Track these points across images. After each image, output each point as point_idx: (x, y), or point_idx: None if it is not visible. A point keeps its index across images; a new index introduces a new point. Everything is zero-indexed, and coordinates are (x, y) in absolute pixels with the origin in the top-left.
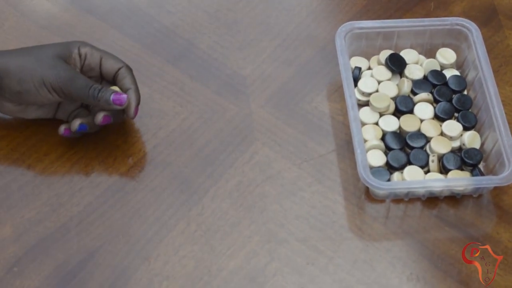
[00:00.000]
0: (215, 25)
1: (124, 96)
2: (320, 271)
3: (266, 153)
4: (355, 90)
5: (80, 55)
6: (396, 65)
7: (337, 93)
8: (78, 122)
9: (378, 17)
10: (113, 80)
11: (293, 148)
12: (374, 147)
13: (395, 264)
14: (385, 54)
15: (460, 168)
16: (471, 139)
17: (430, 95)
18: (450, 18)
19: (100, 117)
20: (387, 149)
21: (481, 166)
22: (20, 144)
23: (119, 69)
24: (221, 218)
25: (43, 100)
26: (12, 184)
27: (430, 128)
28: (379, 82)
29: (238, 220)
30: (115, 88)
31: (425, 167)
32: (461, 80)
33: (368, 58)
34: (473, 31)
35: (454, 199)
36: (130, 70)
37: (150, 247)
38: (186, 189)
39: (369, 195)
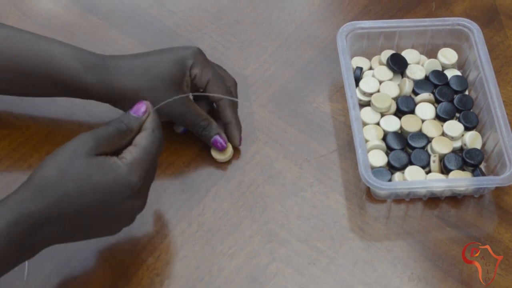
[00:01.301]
0: (216, 25)
1: (224, 142)
2: (322, 271)
3: (267, 153)
4: (357, 90)
5: (190, 76)
6: (398, 65)
7: (338, 93)
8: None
9: (380, 17)
10: (214, 105)
11: (294, 148)
12: (375, 147)
13: (396, 264)
14: (386, 54)
15: (461, 168)
16: (472, 139)
17: (432, 95)
18: (452, 18)
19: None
20: (388, 149)
21: (482, 166)
22: (22, 144)
23: (219, 99)
24: (222, 218)
25: None
26: (14, 184)
27: (431, 128)
28: (380, 82)
29: (239, 220)
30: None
31: (426, 167)
32: (462, 80)
33: (370, 58)
34: (475, 31)
35: (455, 199)
36: (231, 102)
37: (151, 247)
38: (187, 189)
39: (370, 195)
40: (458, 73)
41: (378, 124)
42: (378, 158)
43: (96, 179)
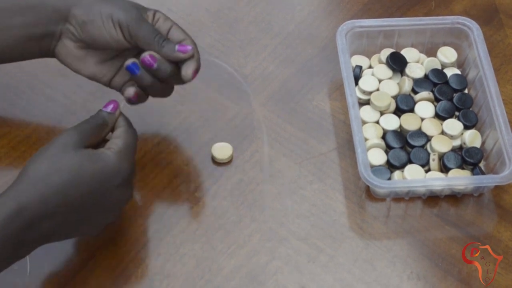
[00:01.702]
0: (216, 23)
1: (189, 46)
2: (321, 270)
3: (266, 152)
4: (356, 88)
5: (154, 17)
6: (397, 63)
7: (338, 91)
8: (132, 60)
9: (379, 16)
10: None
11: (293, 147)
12: (374, 146)
13: (395, 263)
14: (386, 52)
15: (460, 167)
16: (471, 138)
17: (431, 93)
18: (451, 17)
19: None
20: (388, 148)
21: (481, 165)
22: (21, 142)
23: (183, 40)
24: (222, 216)
25: (106, 37)
26: None
27: (430, 127)
28: (380, 81)
29: (238, 219)
30: None
31: (425, 166)
32: (462, 79)
33: (369, 57)
34: (474, 30)
35: (454, 198)
36: (195, 43)
37: (151, 246)
38: (187, 188)
39: (369, 193)
40: (458, 71)
41: (377, 122)
42: (378, 157)
43: (89, 168)
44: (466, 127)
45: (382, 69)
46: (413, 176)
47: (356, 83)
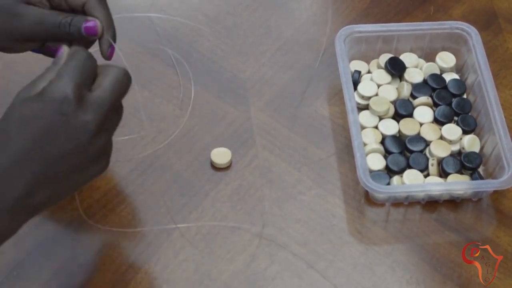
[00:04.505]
0: (215, 28)
1: (95, 22)
2: (320, 275)
3: (265, 157)
4: (355, 93)
5: None
6: (396, 68)
7: (337, 96)
8: None
9: (378, 21)
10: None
11: (292, 152)
12: (373, 151)
13: (395, 268)
14: (384, 57)
15: (459, 171)
16: (470, 142)
17: (430, 98)
18: (450, 22)
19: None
20: (387, 153)
21: (480, 169)
22: None
23: (83, 4)
24: (221, 221)
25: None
26: None
27: (429, 132)
28: (378, 86)
29: (238, 224)
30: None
31: (424, 170)
32: (460, 83)
33: (368, 62)
34: (473, 35)
35: (453, 203)
36: (108, 15)
37: (150, 251)
38: (186, 193)
39: (369, 198)
40: (456, 76)
41: (376, 127)
42: (377, 162)
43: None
44: (465, 132)
45: (381, 74)
46: (412, 181)
47: (355, 88)
